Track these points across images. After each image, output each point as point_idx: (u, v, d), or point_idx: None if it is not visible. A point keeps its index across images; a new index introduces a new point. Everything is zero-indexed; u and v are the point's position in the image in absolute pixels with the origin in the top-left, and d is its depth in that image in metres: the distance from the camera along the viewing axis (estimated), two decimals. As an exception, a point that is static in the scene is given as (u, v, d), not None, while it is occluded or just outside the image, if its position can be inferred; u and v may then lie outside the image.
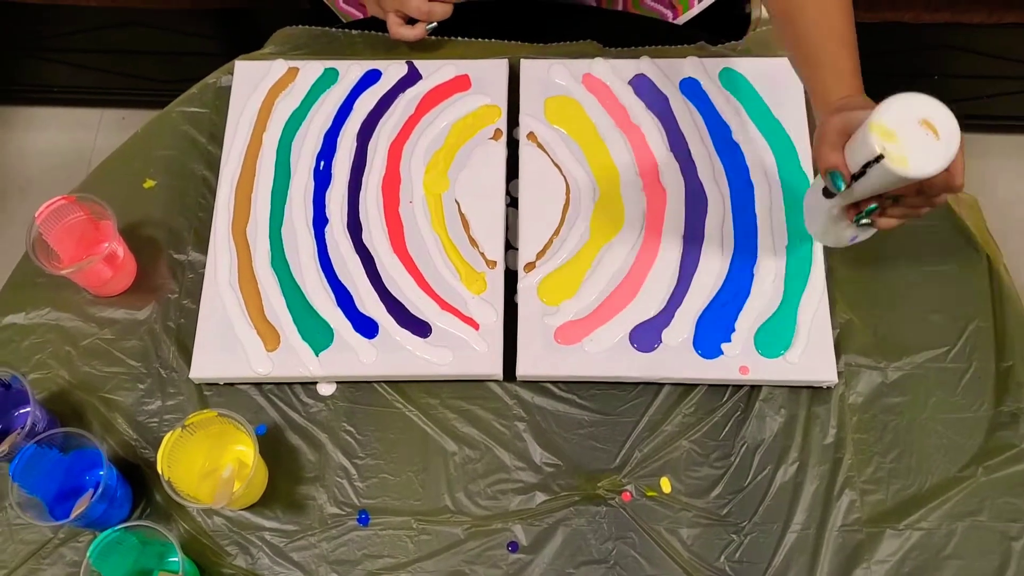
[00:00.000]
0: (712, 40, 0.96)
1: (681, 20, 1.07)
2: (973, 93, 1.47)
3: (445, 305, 0.83)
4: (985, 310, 0.84)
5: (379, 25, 0.97)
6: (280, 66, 0.94)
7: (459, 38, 0.97)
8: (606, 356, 0.81)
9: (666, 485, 0.79)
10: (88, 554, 0.70)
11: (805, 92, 0.91)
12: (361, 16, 1.05)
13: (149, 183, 0.92)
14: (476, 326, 0.82)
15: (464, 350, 0.81)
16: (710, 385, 0.82)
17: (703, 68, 0.92)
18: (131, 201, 0.91)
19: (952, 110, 0.62)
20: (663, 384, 0.82)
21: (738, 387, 0.82)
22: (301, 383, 0.83)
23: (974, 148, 1.57)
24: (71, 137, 1.68)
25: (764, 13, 1.11)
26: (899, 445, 0.80)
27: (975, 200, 0.90)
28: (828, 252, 0.85)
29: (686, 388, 0.82)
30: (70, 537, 0.78)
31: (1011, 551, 0.76)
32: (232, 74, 0.95)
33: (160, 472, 0.72)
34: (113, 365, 0.84)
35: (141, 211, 0.91)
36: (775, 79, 0.92)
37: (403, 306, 0.83)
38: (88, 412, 0.83)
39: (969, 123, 1.53)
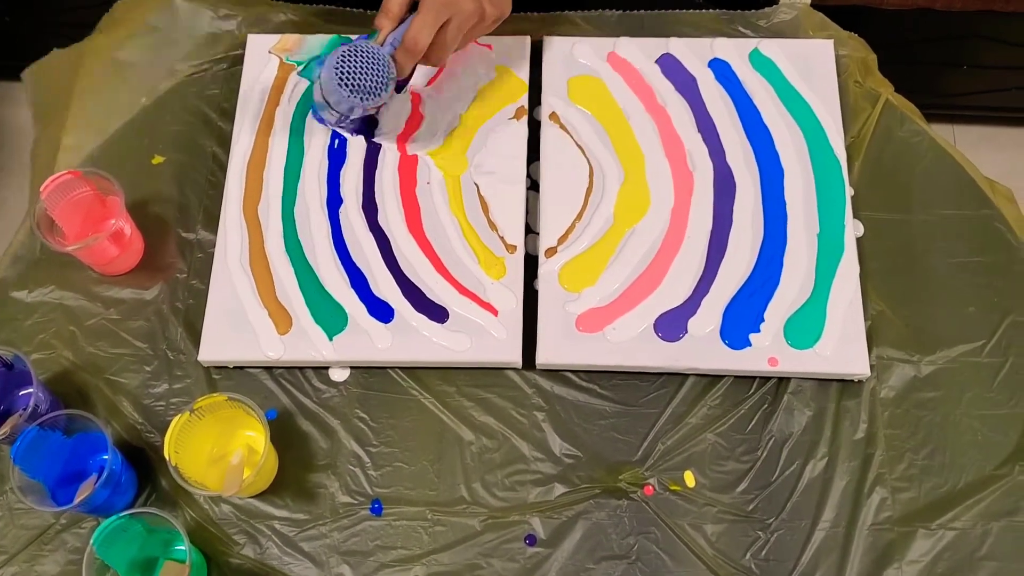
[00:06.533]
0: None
1: None
2: (1003, 84, 1.43)
3: (463, 290, 0.80)
4: (1022, 304, 0.81)
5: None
6: (293, 39, 0.91)
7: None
8: (629, 345, 0.78)
9: (690, 479, 0.76)
10: (92, 541, 0.67)
11: (838, 75, 0.88)
12: None
13: (157, 159, 0.89)
14: (495, 312, 0.79)
15: (482, 336, 0.79)
16: (736, 377, 0.79)
17: (733, 48, 0.89)
18: (139, 177, 0.88)
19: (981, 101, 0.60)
20: (687, 375, 0.79)
21: (765, 379, 0.79)
22: (313, 368, 0.80)
23: (1004, 141, 1.54)
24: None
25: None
26: (932, 441, 0.77)
27: (1011, 192, 0.88)
28: (860, 242, 0.83)
29: (711, 379, 0.79)
30: (73, 523, 0.76)
31: (1049, 553, 0.73)
32: (243, 49, 0.92)
33: (167, 457, 0.69)
34: (119, 346, 0.82)
35: (149, 187, 0.88)
36: (807, 61, 0.89)
37: (419, 290, 0.80)
38: (93, 394, 0.80)
39: (998, 115, 1.51)
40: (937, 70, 1.43)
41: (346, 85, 0.77)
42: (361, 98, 0.78)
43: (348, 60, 0.76)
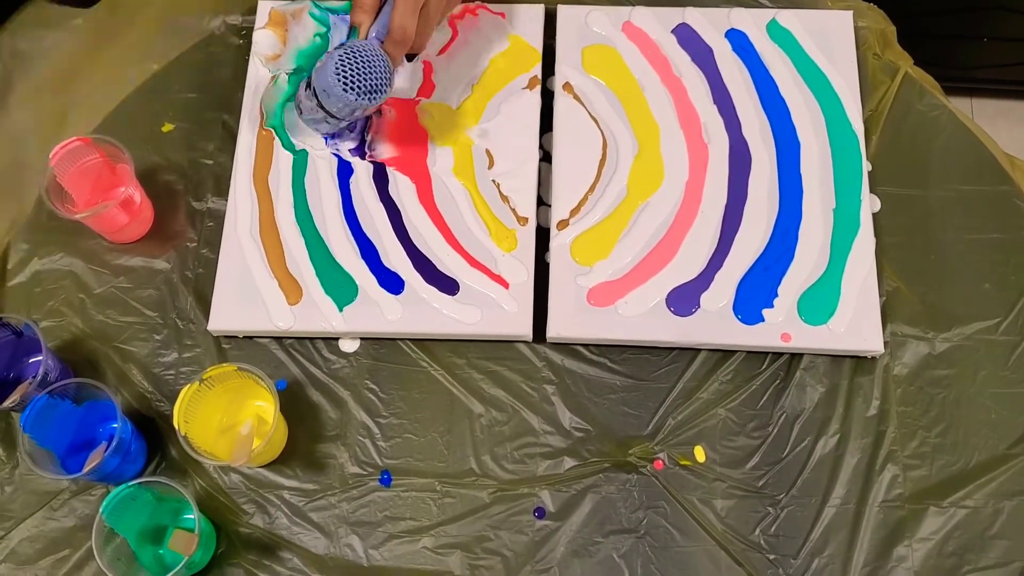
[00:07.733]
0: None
1: None
2: (1023, 57, 1.41)
3: (474, 262, 0.80)
4: (1040, 281, 0.80)
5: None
6: (305, 5, 0.90)
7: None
8: (641, 319, 0.77)
9: (700, 454, 0.76)
10: (101, 510, 0.67)
11: (857, 47, 0.87)
12: None
13: (167, 126, 0.88)
14: (506, 285, 0.79)
15: (493, 309, 0.78)
16: (749, 352, 0.79)
17: (751, 19, 0.88)
18: (148, 145, 0.87)
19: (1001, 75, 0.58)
20: (699, 350, 0.79)
21: (778, 355, 0.79)
22: (323, 338, 0.80)
23: (1022, 114, 1.52)
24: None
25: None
26: (945, 419, 0.77)
27: (1031, 167, 0.86)
28: (876, 217, 0.82)
29: (723, 354, 0.79)
30: (82, 490, 0.76)
31: (1061, 533, 0.73)
32: (255, 14, 0.91)
33: (176, 427, 0.69)
34: (128, 314, 0.81)
35: (159, 155, 0.87)
36: (825, 33, 0.87)
37: (430, 262, 0.80)
38: (102, 362, 0.80)
39: (1017, 88, 1.49)
40: (956, 42, 1.41)
41: (352, 89, 0.73)
42: (370, 99, 0.74)
43: (348, 63, 0.73)
